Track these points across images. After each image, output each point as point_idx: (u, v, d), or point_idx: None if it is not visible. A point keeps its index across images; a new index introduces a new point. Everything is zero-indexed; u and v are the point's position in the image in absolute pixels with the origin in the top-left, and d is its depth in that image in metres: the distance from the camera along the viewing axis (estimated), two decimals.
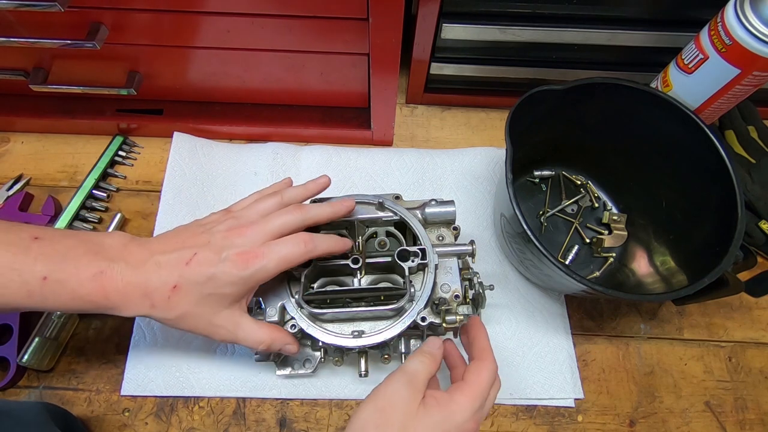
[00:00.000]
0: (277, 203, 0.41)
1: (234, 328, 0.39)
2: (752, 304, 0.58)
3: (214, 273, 0.37)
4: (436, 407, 0.35)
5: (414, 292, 0.42)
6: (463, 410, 0.35)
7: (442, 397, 0.36)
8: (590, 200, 0.61)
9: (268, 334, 0.40)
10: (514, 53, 0.60)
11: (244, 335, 0.39)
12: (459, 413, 0.35)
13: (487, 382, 0.37)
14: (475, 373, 0.37)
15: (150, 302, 0.36)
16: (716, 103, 0.53)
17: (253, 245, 0.38)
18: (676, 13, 0.55)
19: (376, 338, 0.41)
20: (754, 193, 0.58)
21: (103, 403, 0.49)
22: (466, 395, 0.36)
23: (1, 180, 0.59)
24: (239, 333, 0.39)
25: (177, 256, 0.37)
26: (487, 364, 0.38)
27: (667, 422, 0.51)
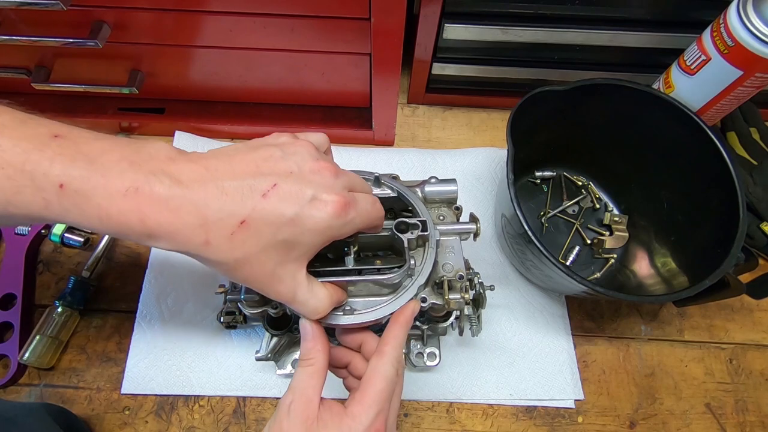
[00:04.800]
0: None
1: (295, 285, 0.32)
2: (753, 306, 0.57)
3: (298, 214, 0.29)
4: (332, 424, 0.31)
5: (414, 266, 0.38)
6: (359, 425, 0.31)
7: (338, 410, 0.32)
8: (591, 201, 0.61)
9: (329, 297, 0.34)
10: (516, 54, 0.60)
11: (304, 297, 0.32)
12: (355, 429, 0.31)
13: (386, 382, 0.33)
14: (370, 373, 0.33)
15: (205, 237, 0.28)
16: (718, 104, 0.53)
17: (343, 190, 0.31)
18: (678, 15, 0.55)
19: (369, 315, 0.36)
20: (756, 194, 0.58)
21: (103, 401, 0.50)
22: (362, 405, 0.32)
23: None
24: (299, 293, 0.32)
25: (251, 184, 0.29)
26: (384, 360, 0.34)
27: (668, 424, 0.51)
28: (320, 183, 0.30)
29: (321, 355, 0.34)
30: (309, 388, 0.32)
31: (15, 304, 0.52)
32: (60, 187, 0.26)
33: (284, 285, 0.31)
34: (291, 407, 0.31)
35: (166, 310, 0.53)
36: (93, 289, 0.54)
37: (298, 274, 0.32)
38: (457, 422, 0.50)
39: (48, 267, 0.56)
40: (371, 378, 0.33)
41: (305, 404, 0.31)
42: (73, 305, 0.52)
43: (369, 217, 0.33)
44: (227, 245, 0.28)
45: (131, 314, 0.53)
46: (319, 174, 0.31)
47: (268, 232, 0.29)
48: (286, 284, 0.31)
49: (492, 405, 0.51)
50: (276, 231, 0.29)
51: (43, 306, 0.53)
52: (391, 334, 0.35)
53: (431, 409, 0.51)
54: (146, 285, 0.54)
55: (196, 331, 0.52)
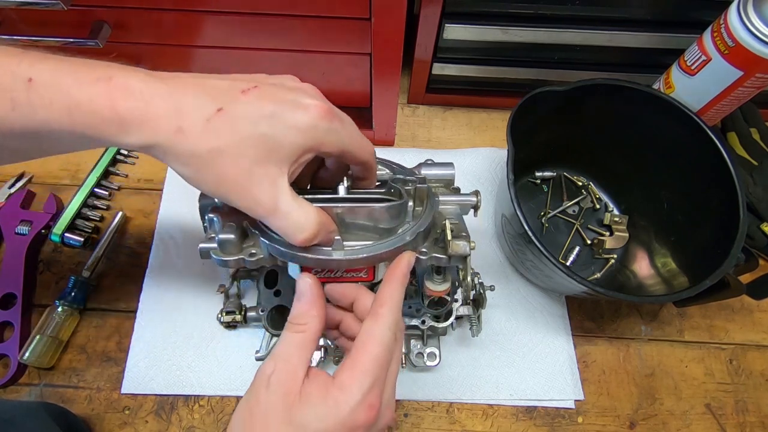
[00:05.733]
0: None
1: (277, 192, 0.28)
2: (753, 306, 0.57)
3: (278, 111, 0.28)
4: (315, 399, 0.27)
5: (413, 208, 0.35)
6: (349, 396, 0.27)
7: (325, 382, 0.28)
8: (591, 201, 0.61)
9: (317, 214, 0.30)
10: (516, 54, 0.60)
11: (288, 207, 0.29)
12: (344, 402, 0.27)
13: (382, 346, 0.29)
14: (362, 339, 0.29)
15: (178, 123, 0.26)
16: (719, 105, 0.53)
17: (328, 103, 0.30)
18: (678, 15, 0.55)
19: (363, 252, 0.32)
20: (756, 195, 0.58)
21: (103, 401, 0.50)
22: (353, 372, 0.28)
23: (3, 178, 0.60)
24: (282, 201, 0.29)
25: (230, 84, 0.28)
26: (380, 322, 0.30)
27: (668, 424, 0.51)
28: (304, 92, 0.30)
29: (315, 321, 0.30)
30: (294, 357, 0.29)
31: (15, 303, 0.52)
32: (29, 81, 0.25)
33: (264, 190, 0.28)
34: (272, 378, 0.28)
35: (166, 309, 0.53)
36: (93, 288, 0.55)
37: (279, 179, 0.28)
38: (457, 422, 0.50)
39: (48, 267, 0.56)
40: (365, 343, 0.29)
41: (288, 376, 0.28)
42: (74, 305, 0.52)
43: (356, 139, 0.31)
44: (201, 133, 0.26)
45: (131, 314, 0.53)
46: (302, 89, 0.30)
47: (247, 122, 0.27)
48: (265, 190, 0.28)
49: (492, 405, 0.51)
50: (255, 123, 0.27)
51: (43, 306, 0.53)
52: (386, 293, 0.31)
53: (431, 409, 0.51)
54: (146, 285, 0.54)
55: (196, 331, 0.52)
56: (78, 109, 0.25)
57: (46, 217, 0.56)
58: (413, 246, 0.35)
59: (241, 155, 0.27)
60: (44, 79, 0.25)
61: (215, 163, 0.27)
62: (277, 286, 0.46)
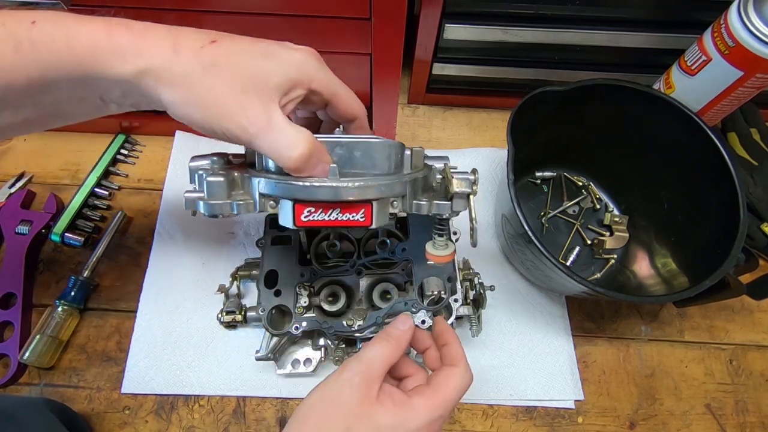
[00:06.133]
0: None
1: (270, 112, 0.29)
2: (753, 306, 0.57)
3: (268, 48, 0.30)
4: (391, 408, 0.31)
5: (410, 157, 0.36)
6: (419, 417, 0.31)
7: (400, 398, 0.32)
8: (592, 201, 0.61)
9: (307, 137, 0.30)
10: (516, 54, 0.60)
11: (281, 124, 0.29)
12: (414, 420, 0.31)
13: (457, 393, 0.33)
14: (445, 379, 0.33)
15: (173, 47, 0.28)
16: (719, 105, 0.53)
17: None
18: (679, 15, 0.55)
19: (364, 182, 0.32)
20: (756, 195, 0.58)
21: (103, 400, 0.50)
22: (428, 402, 0.32)
23: (4, 177, 0.60)
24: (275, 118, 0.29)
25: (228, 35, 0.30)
26: (462, 372, 0.33)
27: (668, 424, 0.51)
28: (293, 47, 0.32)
29: (405, 346, 0.34)
30: (380, 367, 0.32)
31: (15, 303, 0.52)
32: (32, 23, 0.27)
33: (256, 109, 0.29)
34: (356, 378, 0.31)
35: (166, 309, 0.53)
36: (93, 288, 0.55)
37: (271, 104, 0.29)
38: (457, 422, 0.50)
39: (48, 266, 0.56)
40: (448, 384, 0.33)
41: (372, 381, 0.31)
42: (74, 305, 0.52)
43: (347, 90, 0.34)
44: (195, 56, 0.28)
45: (131, 314, 0.53)
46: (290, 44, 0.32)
47: (239, 53, 0.29)
48: (257, 109, 0.29)
49: (492, 405, 0.51)
50: (247, 54, 0.29)
51: (44, 305, 0.53)
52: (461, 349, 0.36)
53: None
54: (146, 285, 0.54)
55: (196, 331, 0.52)
56: (78, 41, 0.27)
57: (47, 216, 0.56)
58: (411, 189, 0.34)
59: (234, 78, 0.28)
60: (47, 19, 0.27)
61: (207, 83, 0.28)
62: (277, 286, 0.46)
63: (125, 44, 0.27)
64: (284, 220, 0.32)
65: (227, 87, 0.28)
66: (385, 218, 0.33)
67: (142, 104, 0.32)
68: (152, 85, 0.28)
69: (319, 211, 0.31)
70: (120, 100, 0.32)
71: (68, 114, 0.32)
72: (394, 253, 0.46)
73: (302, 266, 0.47)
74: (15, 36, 0.27)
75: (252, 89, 0.29)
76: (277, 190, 0.31)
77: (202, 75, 0.28)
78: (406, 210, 0.34)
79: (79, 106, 0.32)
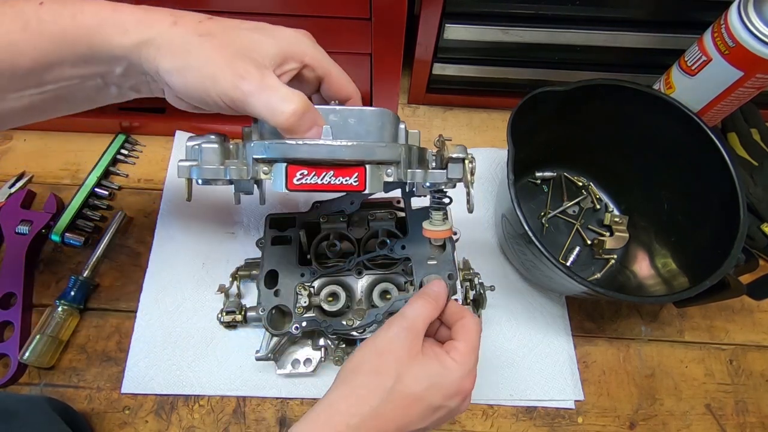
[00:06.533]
0: None
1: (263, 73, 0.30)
2: (754, 307, 0.57)
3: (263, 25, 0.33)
4: (434, 359, 0.34)
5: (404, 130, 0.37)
6: (459, 366, 0.34)
7: (440, 350, 0.35)
8: (592, 202, 0.61)
9: (301, 95, 0.31)
10: (517, 54, 0.60)
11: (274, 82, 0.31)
12: (456, 369, 0.34)
13: (478, 337, 0.37)
14: (463, 330, 0.37)
15: (173, 19, 0.30)
16: (719, 105, 0.53)
17: None
18: (679, 15, 0.55)
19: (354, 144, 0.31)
20: (757, 195, 0.58)
21: (103, 400, 0.50)
22: (462, 352, 0.35)
23: (4, 177, 0.60)
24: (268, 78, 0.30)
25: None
26: (472, 319, 0.38)
27: (668, 425, 0.51)
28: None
29: (444, 297, 0.38)
30: (422, 322, 0.36)
31: (15, 303, 0.52)
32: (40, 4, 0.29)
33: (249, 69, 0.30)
34: (403, 333, 0.35)
35: (166, 310, 0.53)
36: (93, 288, 0.55)
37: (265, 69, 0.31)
38: (457, 422, 0.50)
39: (48, 266, 0.56)
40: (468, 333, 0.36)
41: (416, 334, 0.35)
42: (74, 305, 0.52)
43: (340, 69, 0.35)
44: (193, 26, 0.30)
45: (131, 314, 0.53)
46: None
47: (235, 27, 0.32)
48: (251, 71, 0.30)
49: (492, 405, 0.51)
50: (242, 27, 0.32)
51: (44, 305, 0.53)
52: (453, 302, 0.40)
53: None
54: (146, 285, 0.54)
55: (196, 331, 0.52)
56: (82, 17, 0.29)
57: (47, 216, 0.56)
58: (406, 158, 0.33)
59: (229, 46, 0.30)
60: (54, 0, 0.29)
61: (204, 49, 0.30)
62: (277, 286, 0.46)
63: (128, 19, 0.29)
64: (277, 185, 0.32)
65: (222, 52, 0.30)
66: (379, 185, 0.33)
67: (141, 87, 0.34)
68: (152, 55, 0.30)
69: (311, 174, 0.31)
70: (120, 80, 0.33)
71: (70, 97, 0.33)
72: (393, 251, 0.46)
73: (302, 266, 0.47)
74: (23, 15, 0.28)
75: (245, 55, 0.30)
76: (270, 151, 0.31)
77: (198, 42, 0.30)
78: (401, 178, 0.34)
79: (81, 88, 0.32)
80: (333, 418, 0.33)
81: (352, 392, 0.34)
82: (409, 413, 0.33)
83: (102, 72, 0.32)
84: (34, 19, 0.29)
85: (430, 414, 0.34)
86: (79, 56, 0.30)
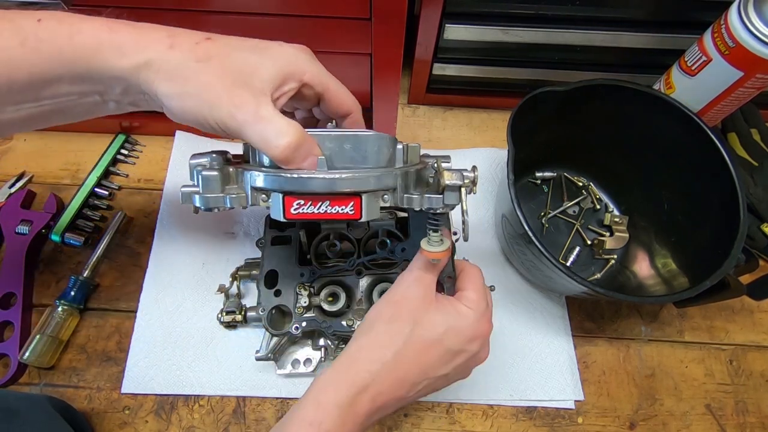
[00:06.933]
0: None
1: (259, 102, 0.30)
2: (754, 307, 0.57)
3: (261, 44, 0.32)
4: (449, 305, 0.36)
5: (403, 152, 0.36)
6: (472, 311, 0.36)
7: (452, 299, 0.37)
8: (592, 202, 0.61)
9: (297, 127, 0.31)
10: (517, 54, 0.60)
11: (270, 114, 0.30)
12: (470, 314, 0.36)
13: (482, 282, 0.39)
14: (467, 279, 0.39)
15: (170, 42, 0.30)
16: (719, 105, 0.53)
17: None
18: (679, 15, 0.55)
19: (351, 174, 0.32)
20: (757, 195, 0.58)
21: (103, 400, 0.50)
22: (471, 298, 0.37)
23: (4, 177, 0.60)
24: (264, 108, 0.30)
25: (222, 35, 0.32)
26: (472, 267, 0.40)
27: (668, 425, 0.51)
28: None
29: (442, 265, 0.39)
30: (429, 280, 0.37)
31: (15, 303, 0.52)
32: (38, 21, 0.29)
33: (246, 98, 0.30)
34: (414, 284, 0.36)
35: (166, 310, 0.53)
36: (93, 288, 0.55)
37: (262, 96, 0.31)
38: (457, 422, 0.50)
39: (48, 266, 0.56)
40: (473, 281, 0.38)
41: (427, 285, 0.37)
42: (74, 305, 0.52)
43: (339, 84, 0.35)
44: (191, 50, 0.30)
45: (131, 314, 0.53)
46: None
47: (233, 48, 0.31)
48: (247, 98, 0.30)
49: (492, 405, 0.51)
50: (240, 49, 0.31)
51: (44, 305, 0.53)
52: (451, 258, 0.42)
53: (431, 410, 0.51)
54: (146, 285, 0.54)
55: (196, 331, 0.52)
56: (80, 37, 0.29)
57: (47, 216, 0.56)
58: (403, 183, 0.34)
59: (226, 71, 0.30)
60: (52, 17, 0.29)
61: (201, 74, 0.30)
62: (277, 286, 0.46)
63: (125, 40, 0.29)
64: (275, 213, 0.33)
65: (219, 78, 0.30)
66: (375, 212, 0.33)
67: (140, 103, 0.33)
68: (150, 78, 0.29)
69: (308, 204, 0.32)
70: (119, 98, 0.32)
71: (68, 111, 0.33)
72: (394, 253, 0.46)
73: (302, 266, 0.47)
74: (21, 31, 0.28)
75: (243, 81, 0.30)
76: (267, 182, 0.32)
77: (196, 68, 0.29)
78: (397, 203, 0.34)
79: (79, 103, 0.32)
80: (354, 367, 0.34)
81: (372, 341, 0.35)
82: (429, 357, 0.34)
83: (100, 90, 0.32)
84: (32, 36, 0.29)
85: (450, 359, 0.35)
86: (76, 75, 0.30)
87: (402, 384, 0.34)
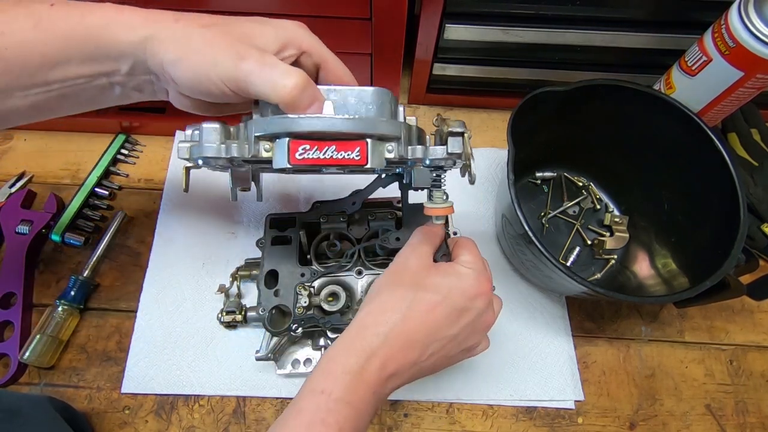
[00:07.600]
0: None
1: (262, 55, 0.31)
2: (754, 307, 0.57)
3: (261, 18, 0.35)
4: (448, 268, 0.38)
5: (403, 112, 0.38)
6: (471, 270, 0.37)
7: (450, 263, 0.39)
8: (592, 202, 0.61)
9: (300, 72, 0.31)
10: (517, 54, 0.60)
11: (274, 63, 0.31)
12: (469, 273, 0.37)
13: (476, 248, 0.40)
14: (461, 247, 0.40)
15: (175, 17, 0.32)
16: (719, 105, 0.53)
17: None
18: (679, 15, 0.55)
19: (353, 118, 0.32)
20: (757, 195, 0.58)
21: (103, 400, 0.50)
22: (468, 260, 0.38)
23: (4, 177, 0.60)
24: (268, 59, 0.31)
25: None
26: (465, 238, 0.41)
27: (668, 425, 0.51)
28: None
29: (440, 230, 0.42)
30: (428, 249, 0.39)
31: (15, 303, 0.52)
32: (51, 5, 0.31)
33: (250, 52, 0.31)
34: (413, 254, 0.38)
35: (166, 310, 0.53)
36: (93, 288, 0.55)
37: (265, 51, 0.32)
38: (457, 422, 0.50)
39: (48, 266, 0.56)
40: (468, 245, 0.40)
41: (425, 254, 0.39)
42: (74, 304, 0.52)
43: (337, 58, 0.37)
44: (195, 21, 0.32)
45: (131, 314, 0.53)
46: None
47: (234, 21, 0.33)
48: (251, 52, 0.31)
49: (492, 405, 0.51)
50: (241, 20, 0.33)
51: (44, 305, 0.53)
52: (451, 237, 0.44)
53: (431, 410, 0.51)
54: (146, 285, 0.54)
55: (196, 331, 0.52)
56: (91, 15, 0.31)
57: (47, 216, 0.56)
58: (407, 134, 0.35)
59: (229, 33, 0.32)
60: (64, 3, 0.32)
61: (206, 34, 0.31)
62: (277, 286, 0.46)
63: (133, 17, 0.31)
64: (279, 161, 0.32)
65: (223, 38, 0.31)
66: (381, 160, 0.33)
67: (145, 87, 0.34)
68: (155, 49, 0.31)
69: (314, 148, 0.31)
70: (125, 80, 0.34)
71: (74, 97, 0.34)
72: (388, 240, 0.46)
73: (302, 266, 0.47)
74: (35, 14, 0.31)
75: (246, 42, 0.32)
76: (271, 126, 0.31)
77: (200, 32, 0.31)
78: (402, 154, 0.34)
79: (85, 88, 0.34)
80: (363, 332, 0.35)
81: (377, 307, 0.36)
82: (435, 316, 0.35)
83: (107, 71, 0.33)
84: (45, 18, 0.31)
85: (456, 317, 0.36)
86: (86, 54, 0.31)
87: (412, 346, 0.35)
